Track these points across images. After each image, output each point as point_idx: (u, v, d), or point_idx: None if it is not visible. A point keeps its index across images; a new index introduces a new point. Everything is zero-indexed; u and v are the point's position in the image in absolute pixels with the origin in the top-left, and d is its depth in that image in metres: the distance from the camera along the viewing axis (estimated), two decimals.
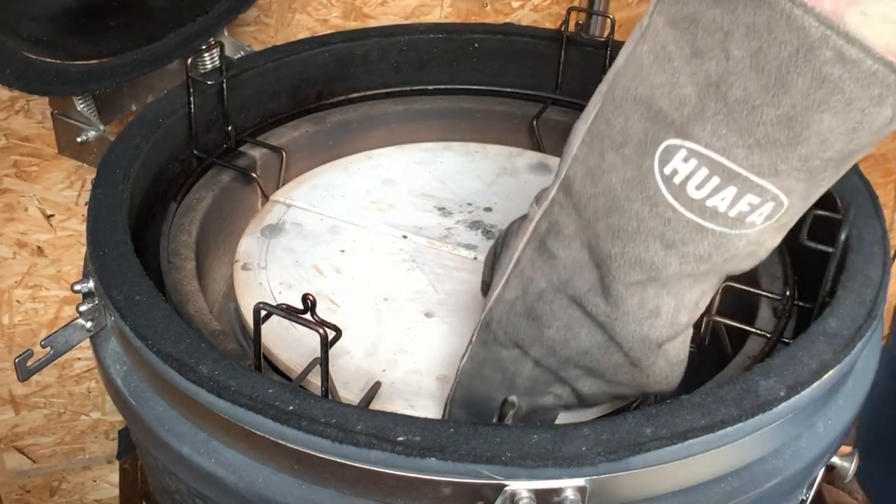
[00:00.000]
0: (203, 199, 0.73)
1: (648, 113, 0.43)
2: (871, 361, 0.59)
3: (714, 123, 0.41)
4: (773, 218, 0.43)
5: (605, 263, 0.47)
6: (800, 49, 0.37)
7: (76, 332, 0.56)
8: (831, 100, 0.38)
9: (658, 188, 0.43)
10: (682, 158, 0.42)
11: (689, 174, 0.42)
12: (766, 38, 0.38)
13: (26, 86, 0.75)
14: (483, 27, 0.90)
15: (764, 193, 0.42)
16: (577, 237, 0.48)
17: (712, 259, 0.45)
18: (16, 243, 1.05)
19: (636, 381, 0.50)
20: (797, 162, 0.40)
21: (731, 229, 0.43)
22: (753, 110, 0.40)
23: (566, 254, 0.48)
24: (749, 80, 0.39)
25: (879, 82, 0.37)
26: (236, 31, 1.01)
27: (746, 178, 0.41)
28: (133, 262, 0.55)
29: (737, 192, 0.42)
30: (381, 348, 0.61)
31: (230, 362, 0.48)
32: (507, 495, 0.44)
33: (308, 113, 0.84)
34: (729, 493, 0.49)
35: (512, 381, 0.52)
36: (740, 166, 0.41)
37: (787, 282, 0.66)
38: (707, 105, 0.41)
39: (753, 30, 0.38)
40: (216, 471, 0.49)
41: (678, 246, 0.44)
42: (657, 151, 0.43)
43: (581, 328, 0.49)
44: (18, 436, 1.19)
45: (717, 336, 0.68)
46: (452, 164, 0.82)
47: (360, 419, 0.45)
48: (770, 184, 0.41)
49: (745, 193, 0.42)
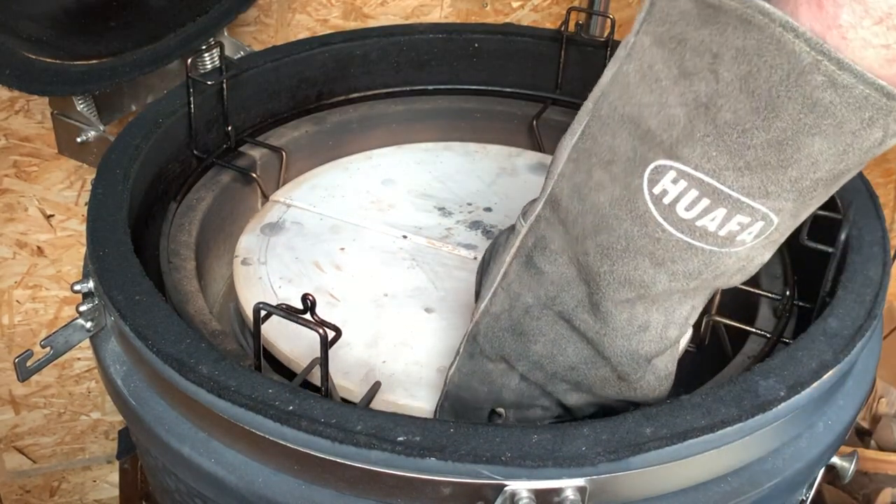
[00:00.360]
0: (203, 199, 0.73)
1: (636, 132, 0.43)
2: (871, 361, 0.59)
3: (704, 145, 0.40)
4: (762, 235, 0.43)
5: (594, 281, 0.47)
6: (791, 73, 0.37)
7: (76, 332, 0.56)
8: (822, 123, 0.38)
9: (647, 208, 0.43)
10: (672, 179, 0.42)
11: (678, 195, 0.42)
12: (757, 62, 0.38)
13: (26, 86, 0.75)
14: (483, 27, 0.90)
15: (754, 213, 0.42)
16: (564, 253, 0.48)
17: (702, 276, 0.45)
18: (16, 243, 1.05)
19: (624, 395, 0.50)
20: (787, 184, 0.40)
21: (721, 248, 0.43)
22: (743, 133, 0.39)
23: (553, 269, 0.48)
24: (739, 102, 0.39)
25: (870, 106, 0.37)
26: (236, 31, 1.01)
27: (737, 199, 0.41)
28: (133, 262, 0.55)
29: (727, 213, 0.42)
30: (381, 341, 0.61)
31: (230, 362, 0.48)
32: (507, 495, 0.44)
33: (308, 113, 0.84)
34: (729, 493, 0.49)
35: (499, 394, 0.52)
36: (730, 188, 0.41)
37: (787, 282, 0.66)
38: (696, 127, 0.40)
39: (743, 53, 0.38)
40: (216, 471, 0.49)
41: (668, 264, 0.44)
42: (646, 171, 0.42)
43: (568, 344, 0.49)
44: (18, 436, 1.19)
45: (717, 336, 0.68)
46: (452, 164, 0.82)
47: (360, 419, 0.45)
48: (760, 204, 0.41)
49: (736, 214, 0.42)
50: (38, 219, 1.04)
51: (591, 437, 0.45)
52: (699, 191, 0.41)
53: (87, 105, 0.85)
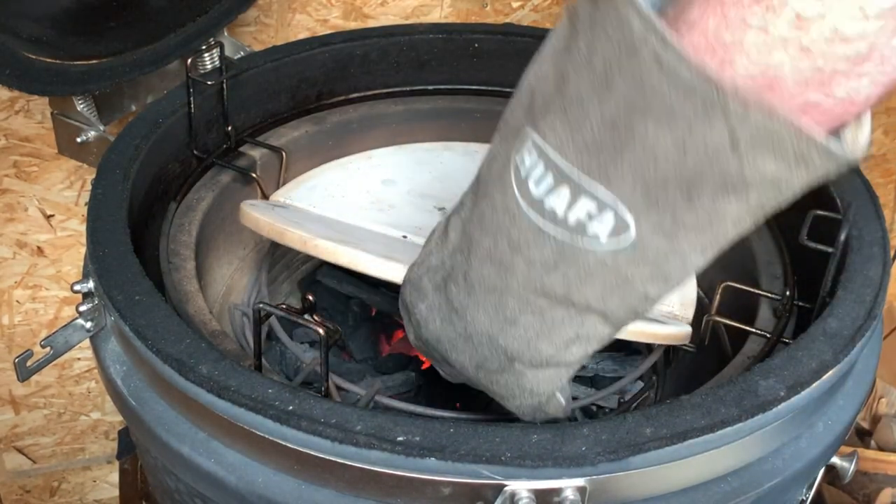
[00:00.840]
0: (203, 199, 0.73)
1: (526, 102, 0.42)
2: (871, 361, 0.59)
3: (552, 118, 0.39)
4: (619, 237, 0.40)
5: (467, 249, 0.45)
6: (623, 47, 0.35)
7: (76, 332, 0.56)
8: (652, 106, 0.36)
9: (510, 179, 0.42)
10: (528, 150, 0.41)
11: (530, 168, 0.41)
12: (600, 33, 0.36)
13: (26, 86, 0.75)
14: (483, 27, 0.90)
15: (599, 201, 0.39)
16: (464, 221, 0.47)
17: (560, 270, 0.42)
18: (16, 243, 1.05)
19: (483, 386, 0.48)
20: (628, 171, 0.38)
21: (573, 238, 0.41)
22: (581, 107, 0.38)
23: (454, 236, 0.47)
24: (582, 75, 0.37)
25: (698, 95, 0.34)
26: (236, 31, 1.01)
27: (578, 178, 0.39)
28: (133, 262, 0.55)
29: (570, 195, 0.40)
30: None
31: (230, 362, 0.48)
32: (507, 495, 0.44)
33: (308, 113, 0.84)
34: (729, 493, 0.49)
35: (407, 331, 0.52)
36: (571, 163, 0.39)
37: (787, 282, 0.66)
38: (554, 99, 0.39)
39: (592, 23, 0.37)
40: (216, 471, 0.49)
41: (523, 249, 0.42)
42: (516, 139, 0.42)
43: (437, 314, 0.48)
44: (18, 436, 1.19)
45: (717, 336, 0.68)
46: (452, 164, 0.82)
47: (360, 419, 0.45)
48: (604, 190, 0.39)
49: (580, 197, 0.39)
50: (38, 219, 1.04)
51: (591, 437, 0.45)
52: (545, 164, 0.40)
53: (87, 105, 0.85)
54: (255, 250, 0.81)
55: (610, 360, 0.77)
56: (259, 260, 0.80)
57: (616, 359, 0.78)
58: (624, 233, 0.40)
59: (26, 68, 0.74)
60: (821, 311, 0.55)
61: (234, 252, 0.78)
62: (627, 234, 0.40)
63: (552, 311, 0.44)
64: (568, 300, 0.43)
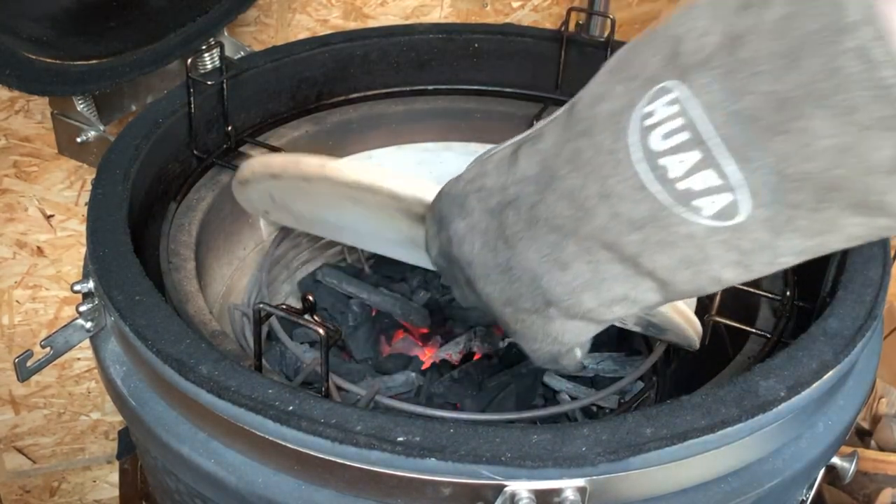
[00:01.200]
0: (203, 199, 0.73)
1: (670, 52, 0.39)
2: (871, 361, 0.59)
3: (709, 75, 0.36)
4: (723, 220, 0.38)
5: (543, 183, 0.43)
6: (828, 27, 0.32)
7: (76, 333, 0.56)
8: (834, 99, 0.33)
9: (627, 124, 0.39)
10: (667, 101, 0.38)
11: (663, 118, 0.38)
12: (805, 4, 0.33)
13: (26, 86, 0.75)
14: (483, 27, 0.90)
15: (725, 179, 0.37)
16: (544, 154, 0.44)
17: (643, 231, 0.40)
18: (16, 243, 1.05)
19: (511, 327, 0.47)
20: (771, 157, 0.36)
21: (674, 206, 0.39)
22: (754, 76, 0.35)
23: (525, 164, 0.44)
24: (765, 41, 0.35)
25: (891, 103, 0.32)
26: (236, 31, 1.01)
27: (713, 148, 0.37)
28: (133, 262, 0.55)
29: (697, 161, 0.37)
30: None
31: (230, 362, 0.48)
32: (507, 495, 0.44)
33: (308, 113, 0.84)
34: (729, 493, 0.49)
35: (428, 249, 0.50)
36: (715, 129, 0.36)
37: (787, 282, 0.66)
38: (717, 58, 0.36)
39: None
40: (216, 471, 0.49)
41: (613, 199, 0.40)
42: (654, 88, 0.38)
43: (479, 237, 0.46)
44: (18, 436, 1.19)
45: (718, 336, 0.68)
46: (452, 164, 0.82)
47: (360, 419, 0.45)
48: (734, 168, 0.37)
49: (706, 168, 0.37)
50: (38, 219, 1.04)
51: (591, 437, 0.45)
52: (683, 121, 0.37)
53: (87, 105, 0.85)
54: (256, 250, 0.81)
55: (610, 360, 0.77)
56: (259, 260, 0.80)
57: (616, 359, 0.78)
58: (731, 217, 0.38)
59: (26, 68, 0.74)
60: (821, 311, 0.55)
61: (234, 252, 0.78)
62: (734, 219, 0.38)
63: (610, 266, 0.42)
64: (634, 261, 0.41)
